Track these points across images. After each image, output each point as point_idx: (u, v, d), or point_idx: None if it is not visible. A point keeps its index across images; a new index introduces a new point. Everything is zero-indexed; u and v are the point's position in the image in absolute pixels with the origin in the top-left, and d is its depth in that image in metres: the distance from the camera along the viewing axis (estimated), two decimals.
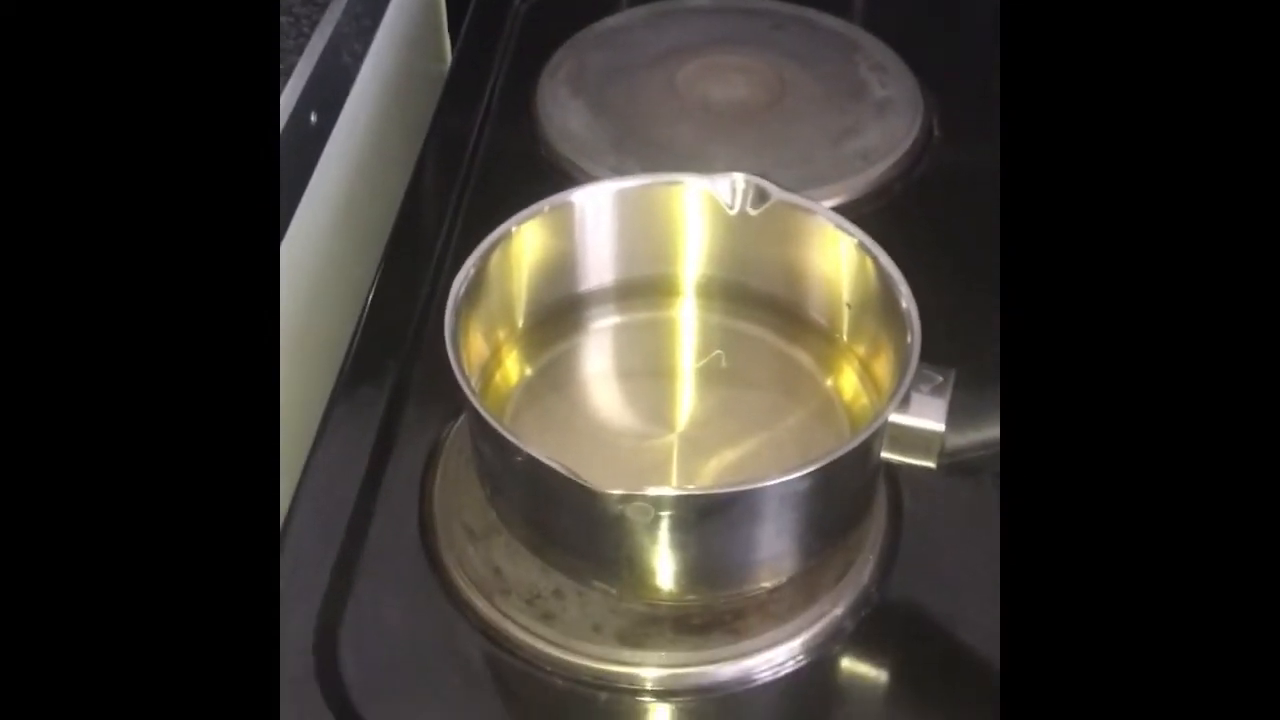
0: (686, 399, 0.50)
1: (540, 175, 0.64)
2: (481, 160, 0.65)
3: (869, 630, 0.45)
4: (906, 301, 0.44)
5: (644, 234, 0.51)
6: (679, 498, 0.40)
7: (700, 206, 0.50)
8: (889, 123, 0.67)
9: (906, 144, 0.65)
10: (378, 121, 0.69)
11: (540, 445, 0.40)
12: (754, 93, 0.69)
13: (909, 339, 0.43)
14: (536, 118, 0.67)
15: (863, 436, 0.41)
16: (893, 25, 0.73)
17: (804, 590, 0.45)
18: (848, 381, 0.48)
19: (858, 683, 0.45)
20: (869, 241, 0.46)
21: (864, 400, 0.47)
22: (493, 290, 0.48)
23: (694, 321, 0.52)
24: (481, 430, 0.43)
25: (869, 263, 0.46)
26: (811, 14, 0.74)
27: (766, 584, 0.44)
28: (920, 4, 0.77)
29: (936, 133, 0.67)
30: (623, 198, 0.50)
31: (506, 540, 0.46)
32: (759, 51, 0.71)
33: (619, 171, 0.62)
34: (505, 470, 0.44)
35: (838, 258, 0.48)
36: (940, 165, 0.66)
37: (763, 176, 0.49)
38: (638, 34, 0.73)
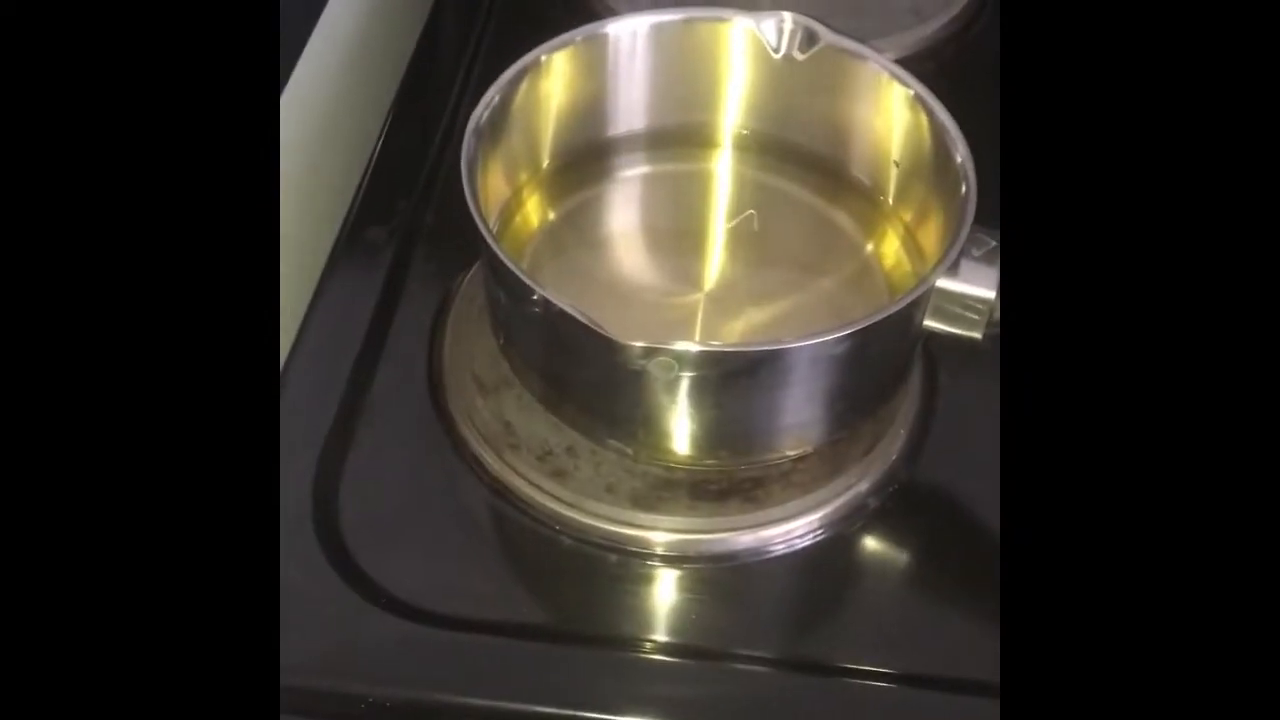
0: (716, 258, 0.47)
1: (569, 9, 0.60)
2: None
3: (893, 509, 0.43)
4: (962, 156, 0.40)
5: (681, 76, 0.47)
6: (704, 354, 0.37)
7: (744, 48, 0.46)
8: None
9: (961, 1, 0.61)
10: None
11: (559, 294, 0.37)
12: None
13: (963, 192, 0.39)
14: None
15: (907, 300, 0.38)
16: None
17: (829, 463, 0.43)
18: (890, 246, 0.45)
19: (876, 563, 0.43)
20: (925, 93, 0.43)
21: (906, 267, 0.44)
22: (516, 125, 0.45)
23: (729, 176, 0.49)
24: (496, 272, 0.40)
25: (924, 117, 0.43)
26: None
27: (790, 453, 0.42)
28: None
29: None
30: (660, 32, 0.46)
31: (519, 393, 0.44)
32: None
33: (656, 6, 0.58)
34: (520, 317, 0.41)
35: (889, 111, 0.44)
36: (993, 27, 0.61)
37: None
38: None
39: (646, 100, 0.48)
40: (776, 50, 0.45)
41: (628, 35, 0.46)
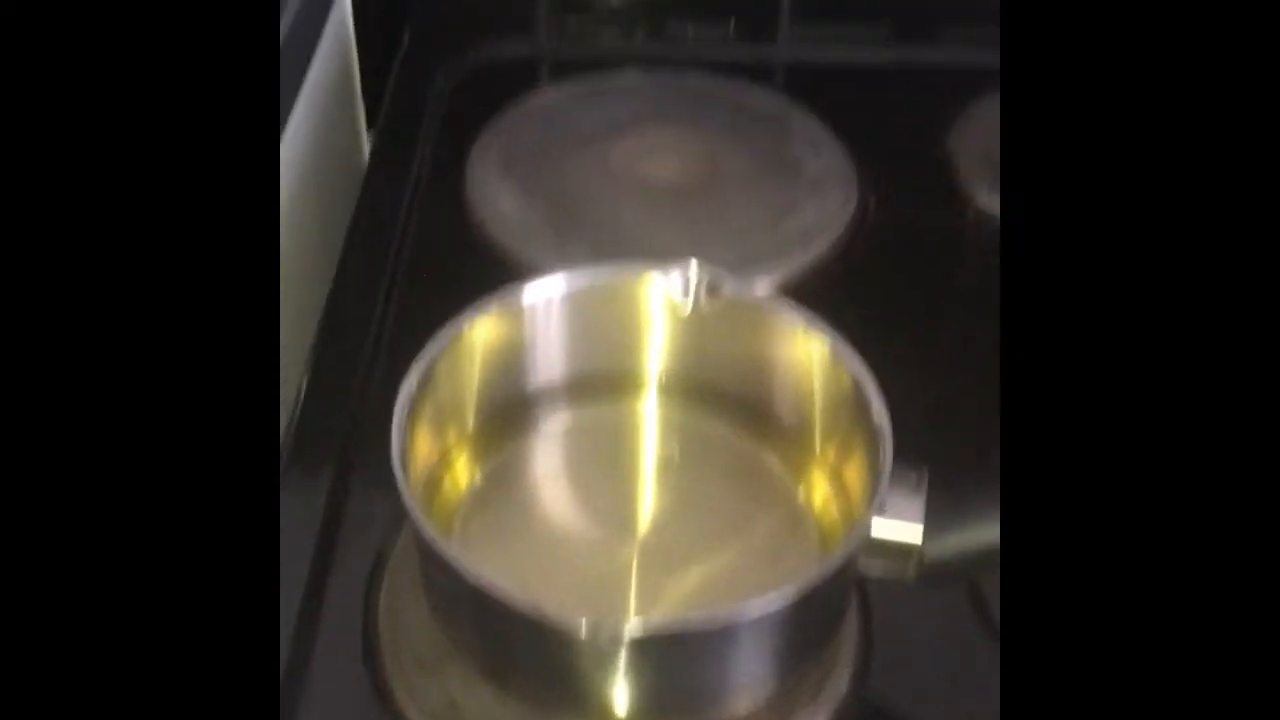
0: (647, 503, 0.48)
1: (475, 260, 0.61)
2: (411, 247, 0.62)
3: None
4: (877, 410, 0.42)
5: (597, 328, 0.49)
6: (648, 629, 0.38)
7: (655, 298, 0.48)
8: (825, 199, 0.66)
9: (845, 220, 0.64)
10: (293, 215, 0.66)
11: (491, 559, 0.38)
12: (688, 170, 0.67)
13: (881, 452, 0.41)
14: (467, 200, 0.64)
15: (844, 553, 0.39)
16: (816, 94, 0.72)
17: (778, 712, 0.43)
18: (818, 489, 0.46)
19: None
20: (839, 342, 0.45)
21: (834, 511, 0.45)
22: (441, 391, 0.45)
23: (654, 420, 0.50)
24: (431, 558, 0.40)
25: (838, 366, 0.45)
26: (742, 88, 0.73)
27: (742, 710, 0.42)
28: (841, 73, 0.77)
29: (873, 207, 0.66)
30: (573, 291, 0.48)
31: (463, 670, 0.43)
32: (690, 128, 0.70)
33: (558, 256, 0.60)
34: (459, 599, 0.41)
35: (800, 354, 0.46)
36: (878, 239, 0.65)
37: (703, 258, 0.47)
38: (566, 112, 0.71)
39: (566, 352, 0.49)
40: (684, 300, 0.47)
41: (543, 296, 0.47)
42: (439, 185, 0.66)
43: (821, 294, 0.60)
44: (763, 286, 0.59)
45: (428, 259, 0.61)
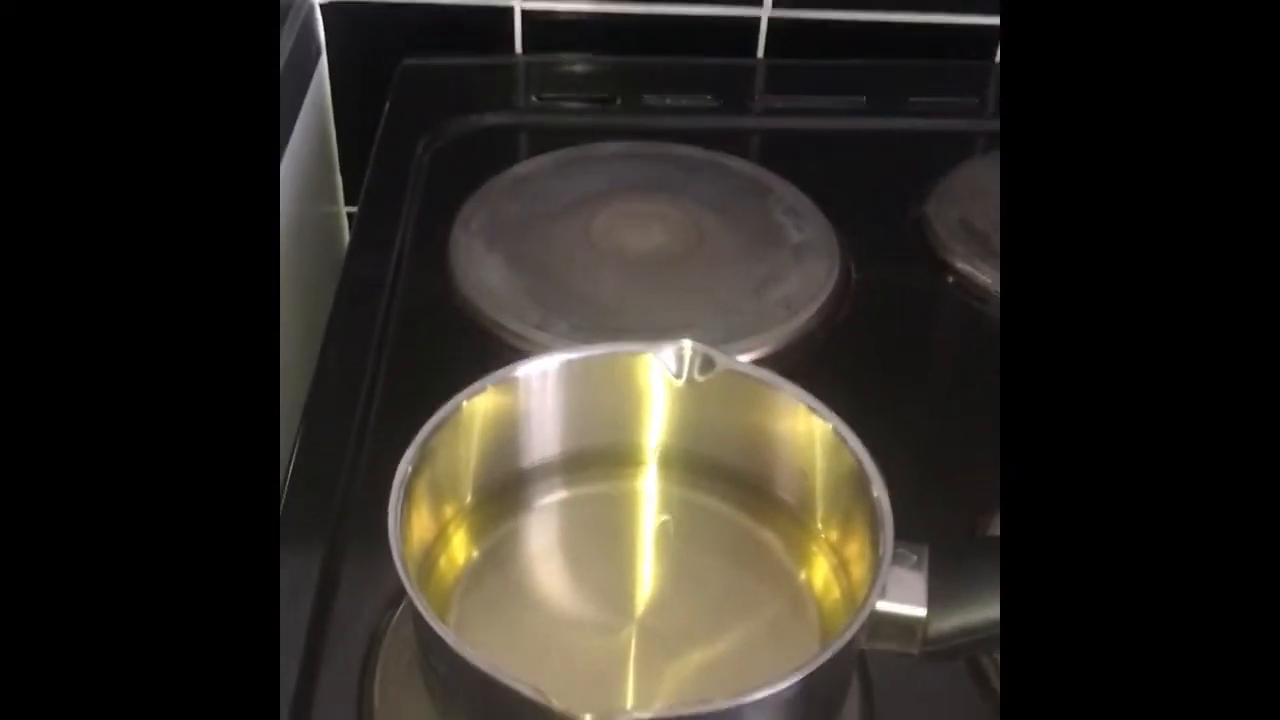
0: (645, 581, 0.47)
1: (459, 333, 0.61)
2: (396, 321, 0.62)
3: None
4: (878, 490, 0.42)
5: (592, 404, 0.48)
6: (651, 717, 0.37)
7: (648, 375, 0.48)
8: (808, 268, 0.66)
9: (828, 289, 0.65)
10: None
11: (489, 641, 0.38)
12: (671, 240, 0.68)
13: (882, 535, 0.41)
14: (451, 272, 0.64)
15: (847, 638, 0.39)
16: (793, 163, 0.73)
17: None
18: (819, 570, 0.46)
19: None
20: (839, 423, 0.45)
21: (835, 591, 0.45)
22: (439, 468, 0.45)
23: (652, 496, 0.50)
24: (430, 640, 0.39)
25: (834, 441, 0.45)
26: (720, 158, 0.74)
27: None
28: (816, 142, 0.78)
29: (854, 274, 0.67)
30: (568, 368, 0.48)
31: None
32: (672, 198, 0.70)
33: (542, 329, 0.60)
34: (458, 684, 0.40)
35: (799, 432, 0.46)
36: (862, 306, 0.66)
37: (690, 330, 0.48)
38: (547, 182, 0.72)
39: (560, 429, 0.49)
40: (678, 376, 0.47)
41: (538, 375, 0.47)
42: (422, 257, 0.66)
43: (810, 362, 0.61)
44: (752, 358, 0.59)
45: (413, 333, 0.61)
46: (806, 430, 0.46)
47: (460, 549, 0.47)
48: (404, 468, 0.43)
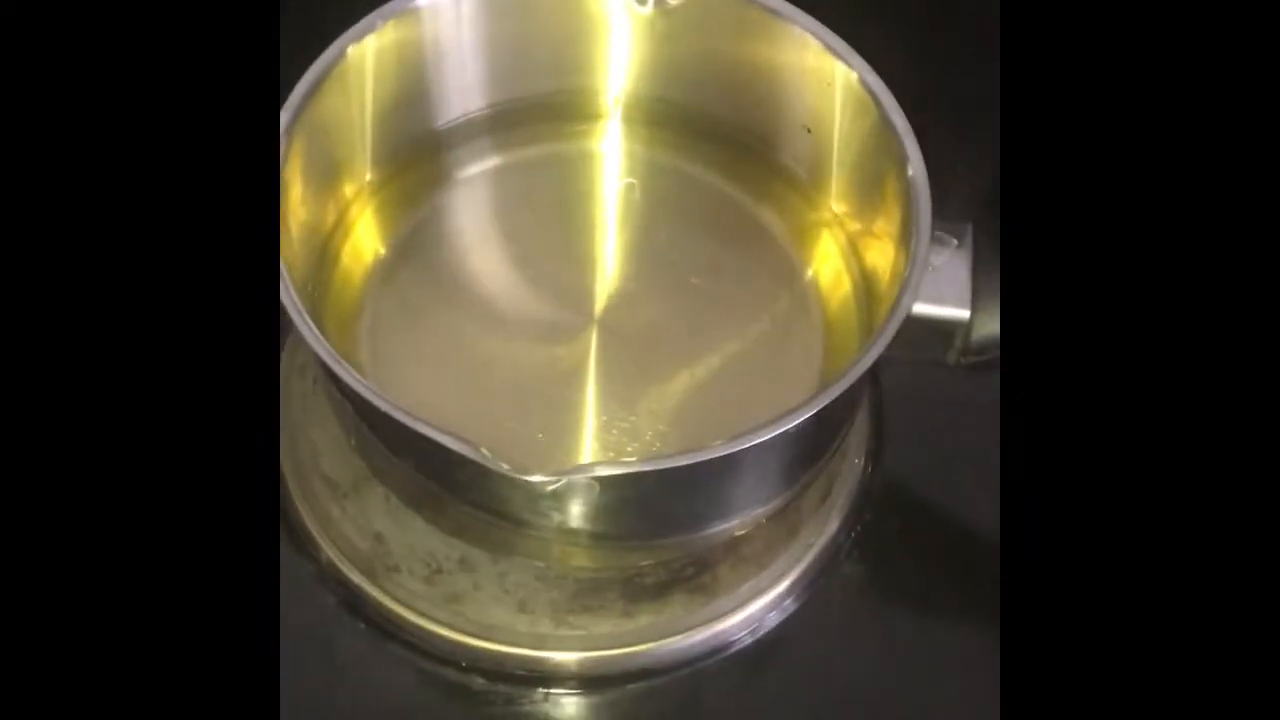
0: (606, 272, 0.37)
1: None
2: None
3: (866, 559, 0.36)
4: (915, 167, 0.32)
5: (527, 39, 0.37)
6: (624, 475, 0.29)
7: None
8: None
9: None
10: None
11: (405, 370, 0.31)
12: None
13: (915, 210, 0.31)
14: None
15: (866, 362, 0.30)
16: None
17: (781, 524, 0.35)
18: (827, 254, 0.36)
19: (860, 630, 0.36)
20: (867, 72, 0.33)
21: (846, 279, 0.36)
22: (329, 140, 0.35)
23: (614, 157, 0.39)
24: (342, 388, 0.30)
25: (859, 91, 0.34)
26: None
27: (737, 531, 0.34)
28: None
29: None
30: None
31: (385, 493, 0.35)
32: None
33: None
34: (382, 433, 0.32)
35: (807, 74, 0.35)
36: None
37: None
38: None
39: (485, 75, 0.38)
40: (643, 1, 0.35)
41: (449, 1, 0.35)
42: None
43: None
44: None
45: None
46: (819, 74, 0.35)
47: (366, 240, 0.37)
48: (284, 136, 0.32)
